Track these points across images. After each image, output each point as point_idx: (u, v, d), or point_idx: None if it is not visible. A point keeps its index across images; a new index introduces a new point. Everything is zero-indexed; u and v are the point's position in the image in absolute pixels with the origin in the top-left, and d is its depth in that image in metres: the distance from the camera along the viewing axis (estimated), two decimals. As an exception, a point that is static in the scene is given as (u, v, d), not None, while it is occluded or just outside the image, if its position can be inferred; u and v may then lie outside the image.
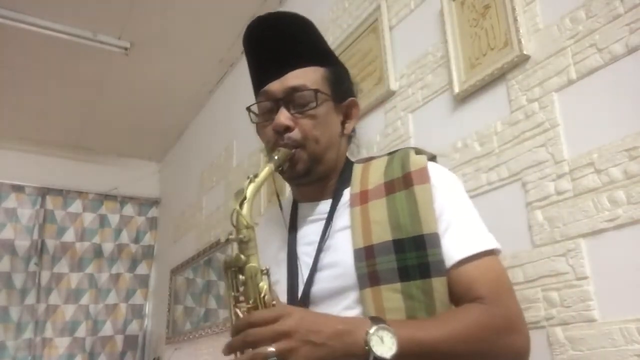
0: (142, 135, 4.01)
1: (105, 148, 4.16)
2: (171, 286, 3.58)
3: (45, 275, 3.67)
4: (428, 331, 0.73)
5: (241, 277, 0.76)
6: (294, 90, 0.89)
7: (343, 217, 0.90)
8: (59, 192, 3.90)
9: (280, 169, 0.87)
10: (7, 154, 3.81)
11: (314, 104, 0.89)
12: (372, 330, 0.69)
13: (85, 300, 3.79)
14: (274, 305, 0.74)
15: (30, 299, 3.58)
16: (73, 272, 3.79)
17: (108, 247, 3.98)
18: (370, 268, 0.81)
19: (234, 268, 0.78)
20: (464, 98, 1.45)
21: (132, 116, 3.73)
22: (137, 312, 3.98)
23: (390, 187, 0.87)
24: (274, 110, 0.90)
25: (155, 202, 4.29)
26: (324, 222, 0.91)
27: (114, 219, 4.07)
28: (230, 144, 3.07)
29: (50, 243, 3.76)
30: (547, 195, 1.17)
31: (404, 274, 0.80)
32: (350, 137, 1.01)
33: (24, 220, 3.75)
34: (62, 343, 3.63)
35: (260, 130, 0.95)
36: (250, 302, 0.74)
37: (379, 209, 0.86)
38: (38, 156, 3.93)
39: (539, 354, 1.08)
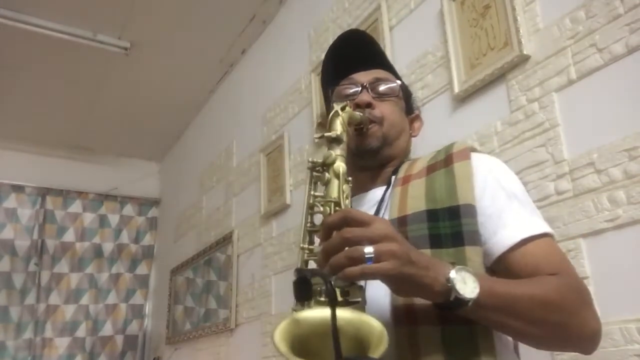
0: (142, 135, 4.01)
1: (105, 148, 4.15)
2: (171, 286, 3.57)
3: (45, 275, 3.67)
4: (507, 286, 0.70)
5: (326, 175, 0.71)
6: (379, 80, 0.98)
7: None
8: (59, 192, 3.89)
9: (360, 127, 0.90)
10: (7, 154, 3.80)
11: (396, 94, 0.98)
12: (454, 270, 0.66)
13: (85, 300, 3.78)
14: None
15: (30, 299, 3.58)
16: (73, 272, 3.79)
17: (108, 247, 3.97)
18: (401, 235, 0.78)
19: (320, 167, 0.73)
20: (464, 98, 1.44)
21: (132, 116, 3.72)
22: (137, 312, 3.97)
23: (431, 168, 0.88)
24: (355, 95, 0.96)
25: (155, 202, 4.28)
26: (375, 207, 0.90)
27: (114, 219, 4.06)
28: (230, 144, 3.07)
29: (50, 243, 3.76)
30: (547, 195, 1.17)
31: (435, 241, 0.77)
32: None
33: (24, 220, 3.74)
34: (62, 343, 3.62)
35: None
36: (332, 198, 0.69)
37: (417, 186, 0.85)
38: (38, 156, 3.92)
39: (539, 354, 1.08)
